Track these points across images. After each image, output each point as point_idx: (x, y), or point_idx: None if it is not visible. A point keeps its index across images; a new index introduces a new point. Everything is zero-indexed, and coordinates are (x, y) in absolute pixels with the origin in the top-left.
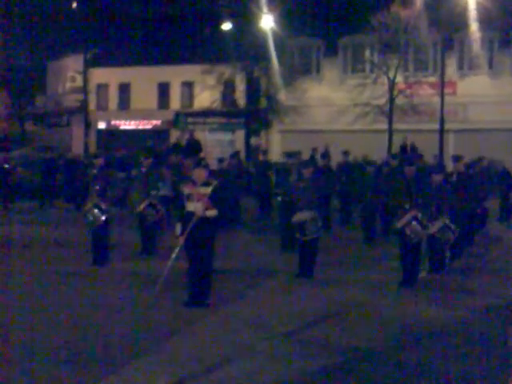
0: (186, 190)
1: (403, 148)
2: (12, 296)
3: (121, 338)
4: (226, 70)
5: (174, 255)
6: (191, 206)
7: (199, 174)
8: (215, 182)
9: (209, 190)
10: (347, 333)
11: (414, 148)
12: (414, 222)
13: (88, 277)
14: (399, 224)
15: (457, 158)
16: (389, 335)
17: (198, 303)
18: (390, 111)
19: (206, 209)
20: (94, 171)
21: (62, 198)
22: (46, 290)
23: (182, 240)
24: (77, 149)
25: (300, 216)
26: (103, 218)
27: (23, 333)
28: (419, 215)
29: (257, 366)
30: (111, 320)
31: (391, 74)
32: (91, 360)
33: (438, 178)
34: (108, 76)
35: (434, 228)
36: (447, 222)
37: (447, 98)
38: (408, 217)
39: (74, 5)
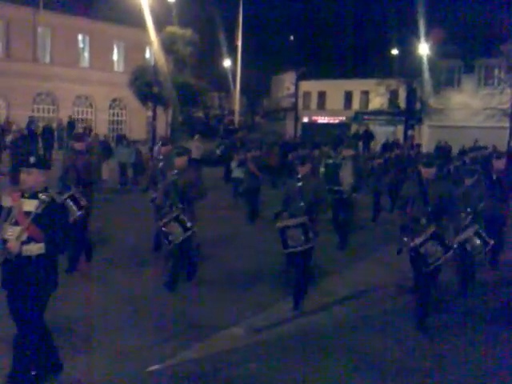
0: (6, 201)
1: None
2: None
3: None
4: (392, 83)
5: None
6: (6, 231)
7: (25, 177)
8: (51, 195)
9: (34, 205)
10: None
11: None
12: (430, 241)
13: None
14: (412, 243)
15: (498, 155)
16: None
17: (16, 379)
18: (511, 114)
19: (32, 239)
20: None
21: None
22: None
23: None
24: (289, 135)
25: (286, 222)
26: None
27: None
28: (438, 231)
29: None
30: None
31: None
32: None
33: (469, 181)
34: (311, 86)
35: (463, 236)
36: (479, 230)
37: None
38: (425, 235)
39: (292, 37)
